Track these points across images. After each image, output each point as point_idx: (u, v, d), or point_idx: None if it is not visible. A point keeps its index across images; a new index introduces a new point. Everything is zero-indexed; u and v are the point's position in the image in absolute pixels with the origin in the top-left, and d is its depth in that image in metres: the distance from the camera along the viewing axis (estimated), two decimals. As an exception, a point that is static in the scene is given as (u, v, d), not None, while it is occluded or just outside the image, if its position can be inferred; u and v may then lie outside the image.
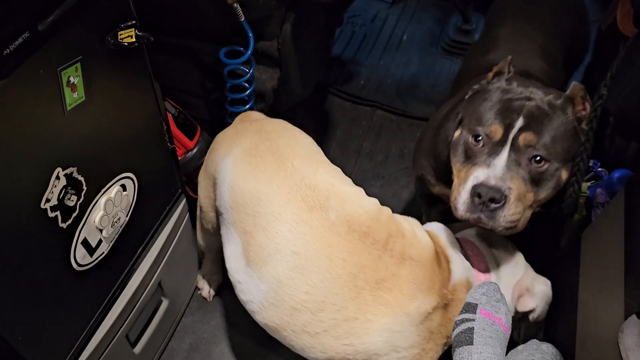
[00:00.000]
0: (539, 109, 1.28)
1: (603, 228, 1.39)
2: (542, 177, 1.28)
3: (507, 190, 1.23)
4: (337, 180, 1.33)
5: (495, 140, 1.27)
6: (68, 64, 1.01)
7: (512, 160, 1.25)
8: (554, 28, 1.80)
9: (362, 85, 2.66)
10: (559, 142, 1.27)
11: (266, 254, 1.24)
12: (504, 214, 1.23)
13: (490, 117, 1.29)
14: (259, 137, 1.38)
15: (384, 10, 3.06)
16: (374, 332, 1.19)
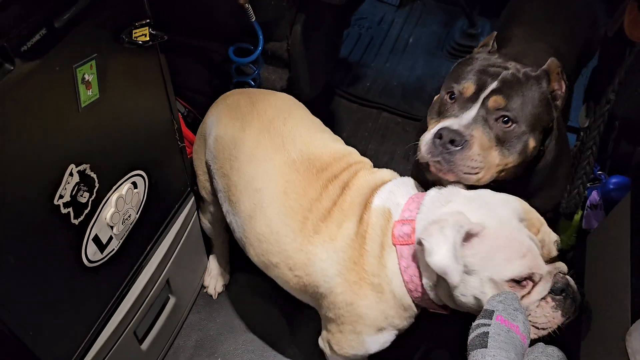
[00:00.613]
0: (514, 76, 1.31)
1: (609, 232, 1.39)
2: (507, 138, 1.29)
3: (469, 136, 1.25)
4: (308, 126, 1.41)
5: (466, 97, 1.30)
6: (83, 62, 1.02)
7: (480, 117, 1.28)
8: (570, 33, 1.81)
9: (368, 87, 2.67)
10: (528, 107, 1.30)
11: (238, 192, 1.34)
12: (462, 157, 1.25)
13: (465, 77, 1.33)
14: (241, 95, 1.51)
15: (391, 13, 3.07)
16: (312, 263, 1.25)
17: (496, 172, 1.32)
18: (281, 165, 1.30)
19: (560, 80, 1.34)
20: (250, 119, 1.40)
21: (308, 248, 1.24)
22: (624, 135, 1.53)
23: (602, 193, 1.59)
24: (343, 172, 1.31)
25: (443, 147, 1.25)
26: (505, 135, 1.29)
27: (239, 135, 1.38)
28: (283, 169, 1.30)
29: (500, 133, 1.29)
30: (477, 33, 2.83)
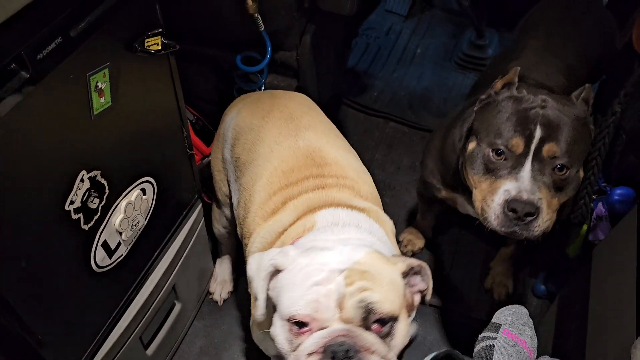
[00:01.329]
0: (555, 115, 1.30)
1: (615, 245, 1.40)
2: (565, 183, 1.31)
3: (539, 201, 1.26)
4: (325, 126, 1.46)
5: (517, 153, 1.29)
6: (97, 70, 1.04)
7: (537, 170, 1.28)
8: (585, 50, 1.82)
9: (376, 97, 2.68)
10: (577, 146, 1.31)
11: (244, 168, 1.40)
12: (538, 224, 1.27)
13: (509, 130, 1.31)
14: (262, 93, 1.57)
15: (399, 24, 3.09)
16: (253, 236, 1.30)
17: (555, 214, 1.33)
18: (286, 148, 1.35)
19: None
20: (270, 110, 1.45)
21: (258, 221, 1.29)
22: (631, 147, 1.53)
23: (607, 204, 1.60)
24: (332, 177, 1.31)
25: (519, 220, 1.26)
26: (562, 182, 1.30)
27: (257, 123, 1.43)
28: (286, 151, 1.35)
29: (558, 182, 1.30)
30: (485, 44, 2.84)
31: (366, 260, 1.02)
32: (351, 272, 0.98)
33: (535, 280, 2.02)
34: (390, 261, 1.05)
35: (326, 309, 0.96)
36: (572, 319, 1.51)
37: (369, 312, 0.96)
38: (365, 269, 0.99)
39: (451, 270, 2.07)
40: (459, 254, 2.12)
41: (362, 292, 0.96)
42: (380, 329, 0.97)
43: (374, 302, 0.96)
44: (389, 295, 0.99)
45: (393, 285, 1.02)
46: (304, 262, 1.02)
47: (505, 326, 1.01)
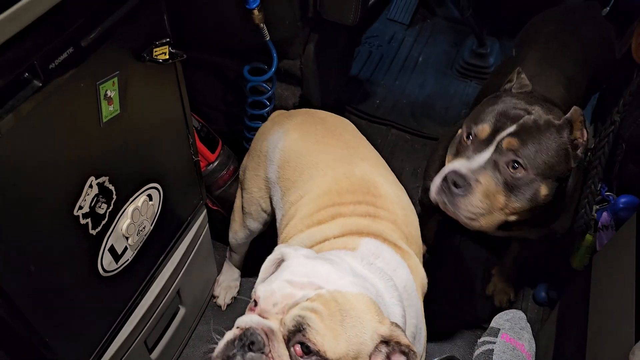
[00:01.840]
0: (535, 122, 1.31)
1: (614, 253, 1.41)
2: (516, 185, 1.29)
3: (474, 181, 1.27)
4: (377, 159, 1.48)
5: (481, 138, 1.32)
6: (106, 79, 1.06)
7: (492, 161, 1.29)
8: (584, 60, 1.84)
9: (378, 104, 2.70)
10: (544, 156, 1.29)
11: (292, 186, 1.41)
12: (466, 203, 1.28)
13: (485, 119, 1.34)
14: (310, 115, 1.57)
15: (401, 32, 3.11)
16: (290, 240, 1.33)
17: (503, 216, 1.33)
18: (341, 174, 1.35)
19: (582, 129, 1.33)
20: (324, 135, 1.46)
21: (300, 228, 1.30)
22: (631, 156, 1.55)
23: (612, 213, 1.60)
24: (384, 211, 1.30)
25: (447, 189, 1.29)
26: (513, 181, 1.29)
27: (311, 148, 1.43)
28: (341, 175, 1.35)
29: (508, 179, 1.29)
30: (487, 53, 2.87)
31: (352, 298, 0.97)
32: (324, 296, 0.94)
33: (536, 287, 2.04)
34: (378, 317, 0.97)
35: (273, 304, 0.96)
36: (572, 325, 1.53)
37: (298, 330, 0.91)
38: (339, 302, 0.95)
39: (453, 276, 2.09)
40: (461, 261, 2.14)
41: (310, 312, 0.92)
42: (301, 353, 0.92)
43: (311, 326, 0.91)
44: (337, 336, 0.92)
45: (354, 335, 0.93)
46: (301, 264, 1.03)
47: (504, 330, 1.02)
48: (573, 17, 1.98)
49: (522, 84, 1.46)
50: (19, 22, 0.84)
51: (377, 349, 0.96)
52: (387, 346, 0.97)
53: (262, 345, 0.93)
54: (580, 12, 2.02)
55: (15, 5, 0.81)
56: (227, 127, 1.95)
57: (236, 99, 1.85)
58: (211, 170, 1.78)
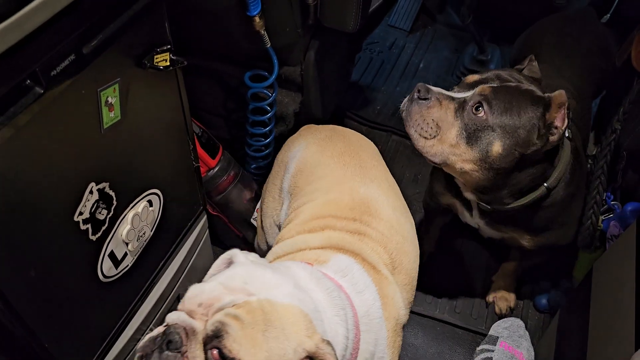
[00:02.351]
0: (517, 89, 1.34)
1: (615, 259, 1.41)
2: (473, 129, 1.31)
3: (435, 98, 1.32)
4: (390, 184, 1.47)
5: (466, 82, 1.38)
6: (107, 85, 1.07)
7: (463, 99, 1.33)
8: (588, 69, 1.85)
9: (379, 110, 2.71)
10: (509, 113, 1.30)
11: (299, 193, 1.43)
12: (418, 111, 1.33)
13: (479, 72, 1.41)
14: (334, 132, 1.59)
15: (402, 39, 3.12)
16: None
17: (454, 157, 1.35)
18: (346, 189, 1.36)
19: (562, 116, 1.32)
20: (342, 152, 1.47)
21: (292, 234, 1.32)
22: (632, 165, 1.55)
23: (621, 222, 1.58)
24: (376, 232, 1.29)
25: (410, 100, 1.34)
26: (472, 122, 1.30)
27: (325, 161, 1.44)
28: (345, 190, 1.36)
29: (468, 121, 1.31)
30: (487, 59, 2.87)
31: (281, 309, 0.94)
32: (252, 304, 0.93)
33: (537, 294, 2.03)
34: (306, 331, 0.94)
35: (197, 304, 0.94)
36: (573, 332, 1.53)
37: (217, 336, 0.90)
38: (266, 311, 0.93)
39: (453, 283, 2.09)
40: (461, 267, 2.14)
41: (231, 318, 0.90)
42: (218, 358, 0.90)
43: (229, 334, 0.89)
44: (256, 346, 0.90)
45: (275, 346, 0.91)
46: (242, 269, 1.02)
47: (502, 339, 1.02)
48: (573, 28, 1.98)
49: (533, 70, 1.48)
50: (21, 30, 0.84)
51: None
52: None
53: (179, 345, 0.92)
54: (579, 22, 2.03)
55: (17, 13, 0.82)
56: (228, 133, 1.96)
57: (237, 105, 1.86)
58: (211, 176, 1.79)
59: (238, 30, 1.54)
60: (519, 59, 1.99)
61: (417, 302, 2.00)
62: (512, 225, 1.59)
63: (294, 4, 1.52)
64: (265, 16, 1.51)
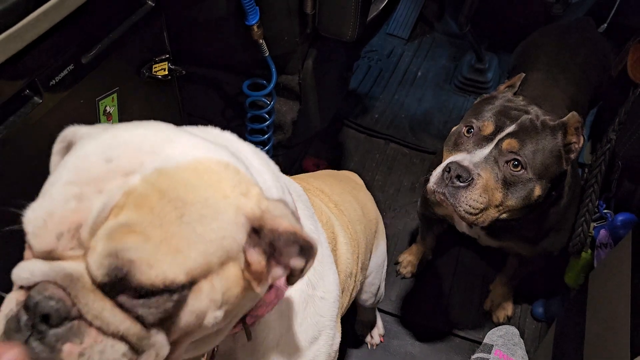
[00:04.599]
0: (532, 122, 1.34)
1: (610, 270, 1.42)
2: (514, 182, 1.32)
3: (476, 175, 1.29)
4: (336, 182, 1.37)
5: (483, 135, 1.34)
6: (106, 95, 1.08)
7: (492, 157, 1.32)
8: (584, 80, 1.86)
9: (377, 118, 2.72)
10: (540, 156, 1.32)
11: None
12: (466, 195, 1.29)
13: (486, 116, 1.37)
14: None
15: (400, 47, 3.14)
16: None
17: (497, 213, 1.35)
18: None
19: (578, 135, 1.36)
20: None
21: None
22: (627, 174, 1.56)
23: (611, 231, 1.61)
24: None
25: (449, 181, 1.30)
26: (512, 178, 1.32)
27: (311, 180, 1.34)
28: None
29: (508, 176, 1.32)
30: (485, 68, 2.88)
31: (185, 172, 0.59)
32: (138, 190, 0.56)
33: (534, 303, 2.04)
34: (237, 188, 0.61)
35: (53, 237, 0.56)
36: (570, 341, 1.53)
37: (118, 278, 0.55)
38: (166, 188, 0.57)
39: (450, 291, 2.09)
40: (458, 275, 2.14)
41: (125, 234, 0.55)
42: (133, 303, 0.56)
43: (135, 262, 0.54)
44: (181, 250, 0.56)
45: (207, 230, 0.58)
46: (95, 144, 0.61)
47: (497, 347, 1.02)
48: (571, 38, 1.99)
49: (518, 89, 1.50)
50: (21, 41, 0.85)
51: (251, 239, 0.62)
52: (259, 237, 0.63)
53: (63, 311, 0.56)
54: (576, 32, 2.04)
55: (17, 24, 0.82)
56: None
57: (235, 113, 1.86)
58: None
59: (236, 39, 1.54)
60: (517, 68, 2.01)
61: (414, 311, 2.00)
62: (511, 235, 1.60)
63: (292, 14, 1.53)
64: (263, 25, 1.52)
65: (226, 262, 0.60)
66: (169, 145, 0.61)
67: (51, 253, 0.56)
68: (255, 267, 0.63)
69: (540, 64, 1.88)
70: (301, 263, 0.65)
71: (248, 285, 0.64)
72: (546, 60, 1.90)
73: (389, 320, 1.98)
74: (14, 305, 0.57)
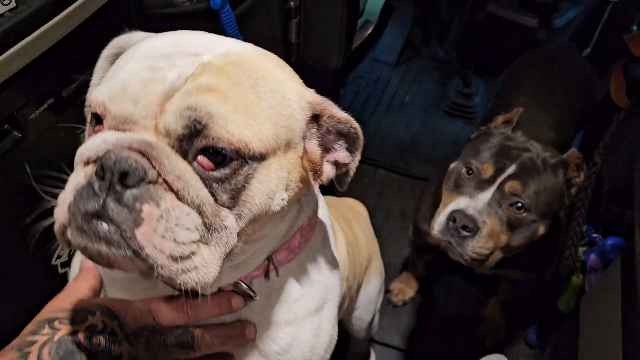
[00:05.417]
0: (533, 162, 1.34)
1: (601, 295, 1.41)
2: (518, 224, 1.32)
3: (482, 223, 1.28)
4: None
5: (484, 177, 1.34)
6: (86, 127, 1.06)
7: (495, 200, 1.31)
8: (569, 104, 1.89)
9: (365, 144, 2.69)
10: (542, 197, 1.32)
11: None
12: (472, 244, 1.28)
13: (486, 156, 1.36)
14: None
15: (387, 72, 3.16)
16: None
17: (502, 254, 1.35)
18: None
19: (579, 171, 1.37)
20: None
21: None
22: (613, 198, 1.56)
23: (600, 255, 1.60)
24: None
25: (455, 231, 1.29)
26: (516, 221, 1.32)
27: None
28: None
29: (512, 218, 1.31)
30: (472, 92, 2.91)
31: (253, 55, 0.65)
32: (213, 63, 0.61)
33: (527, 329, 2.02)
34: (298, 79, 0.70)
35: (130, 102, 0.58)
36: (562, 368, 1.51)
37: (197, 130, 0.57)
38: (239, 63, 0.62)
39: (442, 319, 2.07)
40: (451, 302, 2.12)
41: (204, 92, 0.58)
42: (212, 166, 0.59)
43: (214, 115, 0.57)
44: (257, 114, 0.60)
45: (277, 103, 0.63)
46: (161, 37, 0.66)
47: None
48: (555, 63, 2.02)
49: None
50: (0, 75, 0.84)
51: (308, 128, 0.68)
52: (319, 126, 0.69)
53: (142, 171, 0.56)
54: (560, 57, 2.07)
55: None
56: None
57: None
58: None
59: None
60: (504, 93, 2.03)
61: (406, 340, 1.98)
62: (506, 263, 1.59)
63: (276, 42, 1.54)
64: (248, 55, 1.53)
65: (290, 145, 0.65)
66: (225, 40, 0.66)
67: (127, 120, 0.59)
68: (312, 157, 0.69)
69: (526, 89, 1.90)
70: (349, 158, 0.73)
71: (305, 179, 0.69)
72: (531, 85, 1.92)
73: (380, 349, 1.95)
74: (82, 177, 0.58)
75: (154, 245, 0.56)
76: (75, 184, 0.58)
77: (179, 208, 0.57)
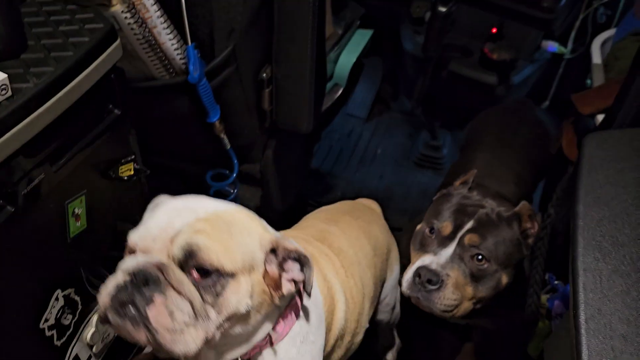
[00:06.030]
0: (488, 217, 1.45)
1: (561, 339, 1.49)
2: (481, 275, 1.41)
3: (445, 276, 1.38)
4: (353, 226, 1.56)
5: (444, 235, 1.44)
6: (74, 197, 1.15)
7: (457, 255, 1.41)
8: (526, 157, 2.00)
9: (340, 196, 2.81)
10: (501, 247, 1.42)
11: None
12: (439, 297, 1.38)
13: (446, 215, 1.47)
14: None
15: (359, 126, 3.29)
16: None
17: (471, 304, 1.43)
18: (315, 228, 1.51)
19: (532, 221, 1.47)
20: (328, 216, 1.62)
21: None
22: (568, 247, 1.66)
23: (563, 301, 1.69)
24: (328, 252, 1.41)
25: (421, 286, 1.39)
26: (479, 272, 1.41)
27: (329, 228, 1.51)
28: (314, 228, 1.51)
29: (474, 270, 1.41)
30: (439, 145, 3.04)
31: (233, 212, 0.99)
32: (205, 217, 0.94)
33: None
34: (261, 227, 1.01)
35: (152, 239, 0.92)
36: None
37: (190, 255, 0.89)
38: (222, 217, 0.95)
39: (416, 365, 2.11)
40: (425, 349, 2.17)
41: (196, 233, 0.90)
42: (199, 277, 0.90)
43: (201, 246, 0.89)
44: (229, 248, 0.92)
45: (244, 243, 0.95)
46: (179, 201, 0.99)
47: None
48: (511, 119, 2.15)
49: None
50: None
51: (268, 258, 0.98)
52: (276, 255, 0.99)
53: (157, 278, 0.88)
54: (517, 113, 2.20)
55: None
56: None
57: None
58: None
59: (200, 135, 1.64)
60: (467, 147, 2.15)
61: (382, 387, 2.01)
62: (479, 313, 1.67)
63: (251, 110, 1.65)
64: (224, 121, 1.63)
65: (253, 268, 0.95)
66: (223, 204, 1.01)
67: (146, 251, 0.92)
68: (273, 276, 0.98)
69: (486, 144, 2.02)
70: (302, 276, 0.99)
71: (267, 292, 0.98)
72: (491, 140, 2.04)
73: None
74: (121, 280, 0.90)
75: (158, 321, 0.87)
76: (117, 282, 0.90)
77: (178, 299, 0.88)
